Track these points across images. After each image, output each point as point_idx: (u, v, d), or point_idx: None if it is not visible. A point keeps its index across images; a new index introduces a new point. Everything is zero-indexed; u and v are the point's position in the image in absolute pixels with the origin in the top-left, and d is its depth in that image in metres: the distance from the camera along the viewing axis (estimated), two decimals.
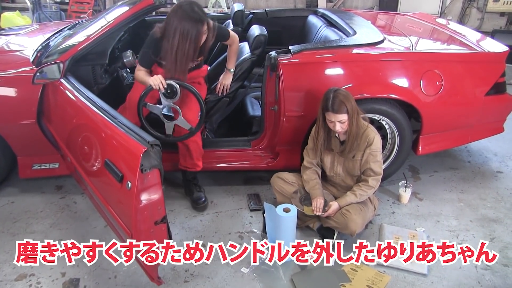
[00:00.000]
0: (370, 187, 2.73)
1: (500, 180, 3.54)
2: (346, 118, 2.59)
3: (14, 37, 3.74)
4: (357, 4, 8.40)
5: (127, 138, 2.08)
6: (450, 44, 3.60)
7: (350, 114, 2.59)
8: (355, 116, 2.62)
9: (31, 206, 3.15)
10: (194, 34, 2.67)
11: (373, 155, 2.71)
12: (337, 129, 2.62)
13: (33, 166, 3.18)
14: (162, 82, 2.68)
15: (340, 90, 2.62)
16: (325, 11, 4.13)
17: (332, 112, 2.57)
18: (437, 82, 3.07)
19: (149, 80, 2.71)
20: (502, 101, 3.40)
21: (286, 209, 2.56)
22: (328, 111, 2.59)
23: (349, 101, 2.58)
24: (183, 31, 2.64)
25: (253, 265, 2.56)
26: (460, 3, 7.80)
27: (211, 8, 8.11)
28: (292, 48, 3.00)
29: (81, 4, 8.55)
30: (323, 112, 2.65)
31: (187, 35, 2.65)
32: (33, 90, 2.91)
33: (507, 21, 7.49)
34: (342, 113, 2.56)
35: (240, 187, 3.39)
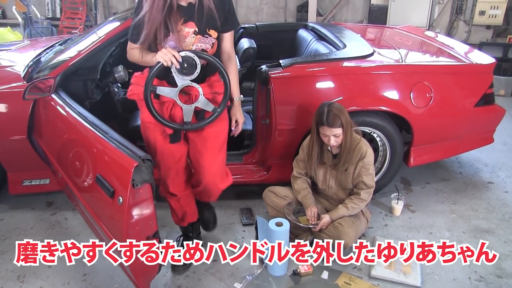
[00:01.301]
0: (362, 200, 2.73)
1: (492, 191, 3.56)
2: (341, 132, 2.60)
3: (5, 52, 3.72)
4: (346, 17, 8.50)
5: (118, 153, 2.06)
6: (439, 56, 3.64)
7: (345, 127, 2.60)
8: (349, 129, 2.63)
9: (21, 222, 3.11)
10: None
11: (365, 168, 2.71)
12: (332, 143, 2.63)
13: (24, 182, 3.15)
14: (175, 55, 2.08)
15: (334, 103, 2.63)
16: (315, 25, 4.17)
17: (327, 126, 2.58)
18: (427, 94, 3.10)
19: (155, 56, 2.10)
20: (491, 112, 3.43)
21: (279, 223, 2.55)
22: (323, 125, 2.59)
23: (343, 115, 2.59)
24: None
25: (247, 279, 2.54)
26: (447, 16, 7.92)
27: None
28: (283, 62, 3.02)
29: (72, 19, 8.58)
30: (317, 126, 2.66)
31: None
32: (24, 106, 2.89)
33: (493, 34, 7.62)
34: (336, 127, 2.57)
35: (232, 201, 3.37)
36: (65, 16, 8.65)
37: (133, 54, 2.25)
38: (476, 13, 7.40)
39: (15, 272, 2.63)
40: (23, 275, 2.60)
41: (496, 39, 7.55)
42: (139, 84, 2.27)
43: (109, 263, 2.68)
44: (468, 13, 7.65)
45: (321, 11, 8.47)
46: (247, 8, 8.75)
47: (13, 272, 2.63)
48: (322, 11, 8.48)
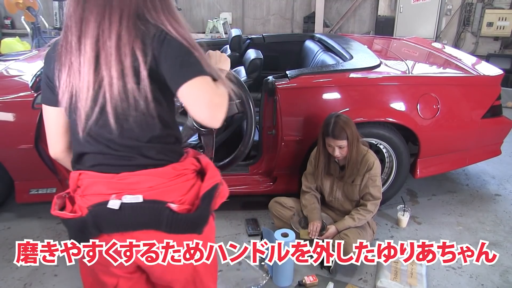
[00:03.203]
0: (369, 211, 2.72)
1: (499, 203, 3.53)
2: (346, 144, 2.60)
3: (13, 62, 3.76)
4: (353, 29, 8.53)
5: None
6: (446, 67, 3.64)
7: (350, 140, 2.60)
8: (355, 142, 2.63)
9: (28, 231, 3.12)
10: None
11: (372, 180, 2.71)
12: (336, 154, 2.63)
13: (30, 191, 3.16)
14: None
15: (341, 115, 2.64)
16: (322, 36, 4.18)
17: (332, 138, 2.58)
18: (434, 106, 3.09)
19: (224, 61, 1.72)
20: (498, 124, 3.42)
21: (284, 233, 2.55)
22: (328, 136, 2.60)
23: (350, 127, 2.59)
24: None
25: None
26: (455, 28, 7.92)
27: (208, 34, 8.19)
28: (290, 73, 3.02)
29: None
30: (323, 137, 2.66)
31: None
32: (32, 115, 2.91)
33: (501, 45, 7.61)
34: (341, 139, 2.57)
35: (237, 212, 3.37)
36: None
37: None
38: (484, 25, 7.39)
39: (21, 280, 2.63)
40: (30, 283, 2.61)
41: (504, 50, 7.55)
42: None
43: None
44: (476, 25, 7.65)
45: (328, 22, 8.51)
46: (254, 19, 8.81)
47: (20, 280, 2.63)
48: (329, 22, 8.52)
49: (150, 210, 1.35)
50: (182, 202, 1.39)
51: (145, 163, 1.37)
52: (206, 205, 1.40)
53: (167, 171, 1.38)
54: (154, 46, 1.26)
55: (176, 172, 1.40)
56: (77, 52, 1.29)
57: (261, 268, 2.71)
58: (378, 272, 2.66)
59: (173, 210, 1.35)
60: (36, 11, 7.06)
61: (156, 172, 1.37)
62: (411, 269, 2.65)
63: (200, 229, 1.44)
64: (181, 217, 1.37)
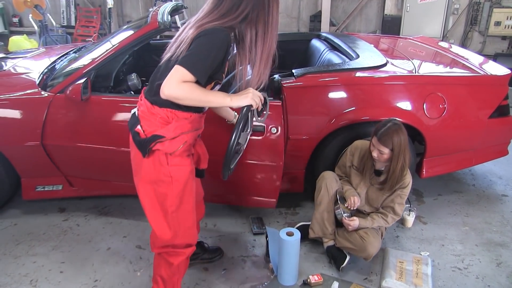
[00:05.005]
0: (387, 222, 2.70)
1: (506, 204, 3.51)
2: (387, 152, 2.56)
3: (21, 60, 3.78)
4: (359, 28, 8.50)
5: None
6: (453, 67, 3.62)
7: (396, 152, 2.56)
8: (401, 157, 2.58)
9: (34, 228, 3.14)
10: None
11: (401, 197, 2.68)
12: (374, 155, 2.60)
13: (37, 188, 3.18)
14: (260, 96, 1.96)
15: (397, 124, 2.59)
16: (328, 35, 4.17)
17: (377, 140, 2.57)
18: (440, 105, 3.08)
19: (245, 99, 1.91)
20: (505, 124, 3.40)
21: (290, 233, 2.54)
22: (376, 136, 2.58)
23: (398, 138, 2.54)
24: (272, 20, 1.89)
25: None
26: (462, 27, 7.88)
27: None
28: (296, 72, 3.02)
29: (86, 28, 8.70)
30: (373, 135, 2.64)
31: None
32: (39, 112, 2.93)
33: (508, 45, 7.57)
34: (385, 145, 2.54)
35: (243, 210, 3.37)
36: (79, 24, 8.78)
37: (199, 93, 1.79)
38: (492, 24, 7.35)
39: (28, 277, 2.65)
40: (36, 280, 2.62)
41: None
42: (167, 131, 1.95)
43: (120, 269, 2.70)
44: (483, 24, 7.60)
45: (334, 21, 8.49)
46: None
47: (26, 277, 2.65)
48: (335, 21, 8.50)
49: (133, 120, 2.02)
50: (144, 129, 1.95)
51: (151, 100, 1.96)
52: (145, 141, 1.93)
53: (150, 107, 1.94)
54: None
55: (153, 111, 1.93)
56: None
57: (266, 267, 2.72)
58: (383, 272, 2.66)
59: (136, 130, 1.96)
60: (43, 9, 7.10)
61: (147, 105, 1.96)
62: (416, 269, 2.65)
63: (143, 153, 1.95)
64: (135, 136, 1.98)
